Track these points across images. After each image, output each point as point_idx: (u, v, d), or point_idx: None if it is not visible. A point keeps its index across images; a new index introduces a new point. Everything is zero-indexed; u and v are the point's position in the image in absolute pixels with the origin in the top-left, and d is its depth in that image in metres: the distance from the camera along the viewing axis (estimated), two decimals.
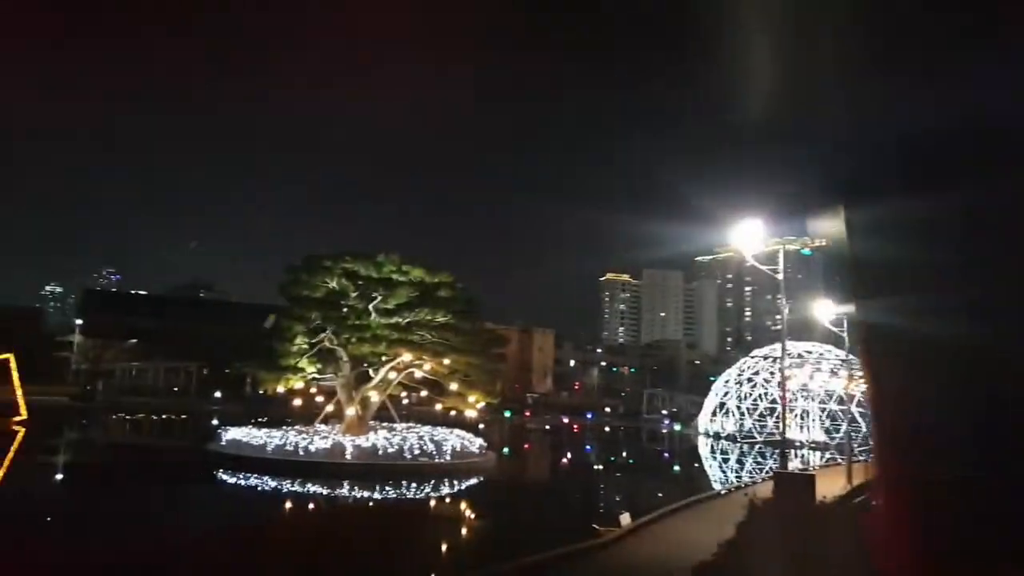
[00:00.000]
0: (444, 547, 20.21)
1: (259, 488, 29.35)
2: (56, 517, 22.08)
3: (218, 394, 77.49)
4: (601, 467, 47.42)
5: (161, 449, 46.10)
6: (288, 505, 27.43)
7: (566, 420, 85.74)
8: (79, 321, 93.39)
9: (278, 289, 39.76)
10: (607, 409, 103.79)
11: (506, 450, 47.89)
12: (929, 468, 2.74)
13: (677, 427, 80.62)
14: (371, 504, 27.52)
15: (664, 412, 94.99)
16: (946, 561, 2.67)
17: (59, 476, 32.79)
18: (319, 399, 41.63)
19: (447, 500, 29.68)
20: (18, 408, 46.64)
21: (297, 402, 41.95)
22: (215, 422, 49.04)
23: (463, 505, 28.60)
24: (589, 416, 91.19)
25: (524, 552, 14.74)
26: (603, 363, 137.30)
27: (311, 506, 27.38)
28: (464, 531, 23.40)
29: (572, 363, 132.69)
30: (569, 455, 55.25)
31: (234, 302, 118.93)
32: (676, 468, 48.44)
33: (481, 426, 50.03)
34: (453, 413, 41.95)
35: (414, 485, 30.22)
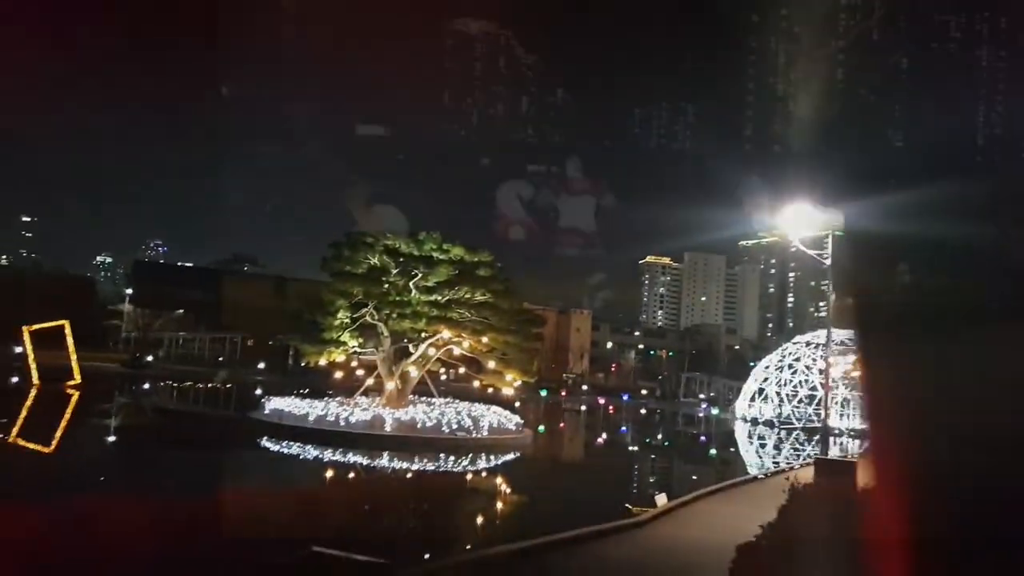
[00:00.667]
0: (480, 519, 20.52)
1: (300, 456, 30.09)
2: (111, 476, 22.91)
3: (261, 365, 79.22)
4: (636, 448, 47.47)
5: (207, 416, 47.50)
6: (329, 473, 28.02)
7: (602, 401, 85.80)
8: (129, 291, 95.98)
9: (321, 264, 40.34)
10: (643, 392, 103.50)
11: (541, 428, 48.11)
12: (923, 457, 2.77)
13: (715, 411, 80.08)
14: (410, 475, 28.01)
15: (702, 396, 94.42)
16: (938, 547, 2.70)
17: (112, 438, 34.11)
18: (359, 372, 42.29)
19: (483, 474, 30.03)
20: (72, 373, 48.29)
21: (338, 375, 42.66)
22: (258, 392, 50.17)
23: (499, 479, 28.93)
24: (625, 398, 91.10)
25: (558, 527, 14.84)
26: (641, 346, 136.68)
27: (351, 474, 27.97)
28: (499, 505, 23.71)
29: (609, 345, 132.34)
30: (604, 435, 55.35)
31: (276, 276, 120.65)
32: (712, 452, 48.23)
33: (517, 404, 50.31)
34: (490, 390, 42.30)
35: (451, 458, 30.65)
